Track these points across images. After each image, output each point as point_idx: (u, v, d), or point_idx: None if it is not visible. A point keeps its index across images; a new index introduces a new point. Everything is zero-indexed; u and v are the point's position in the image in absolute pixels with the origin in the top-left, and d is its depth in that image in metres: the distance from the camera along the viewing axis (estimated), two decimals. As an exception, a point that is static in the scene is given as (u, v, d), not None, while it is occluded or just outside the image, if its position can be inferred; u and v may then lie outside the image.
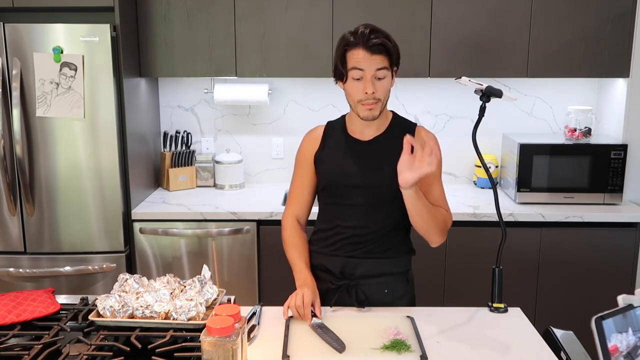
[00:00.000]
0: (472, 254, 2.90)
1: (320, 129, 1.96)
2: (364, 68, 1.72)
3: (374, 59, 1.72)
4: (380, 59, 1.72)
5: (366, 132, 1.87)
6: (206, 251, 2.95)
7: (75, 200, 2.83)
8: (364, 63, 1.72)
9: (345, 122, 1.92)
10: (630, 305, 1.33)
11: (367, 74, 1.73)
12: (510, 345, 1.64)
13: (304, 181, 1.96)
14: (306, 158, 1.94)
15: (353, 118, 1.87)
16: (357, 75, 1.74)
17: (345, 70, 1.76)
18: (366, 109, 1.77)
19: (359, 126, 1.87)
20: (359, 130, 1.88)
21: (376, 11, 3.00)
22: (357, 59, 1.73)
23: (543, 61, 3.04)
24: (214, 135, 3.50)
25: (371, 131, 1.87)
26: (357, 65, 1.73)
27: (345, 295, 1.86)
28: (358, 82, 1.74)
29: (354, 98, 1.78)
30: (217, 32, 3.04)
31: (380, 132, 1.87)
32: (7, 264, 2.87)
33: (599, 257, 2.93)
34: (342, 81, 1.79)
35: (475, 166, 3.42)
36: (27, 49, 2.70)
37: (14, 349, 1.49)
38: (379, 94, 1.75)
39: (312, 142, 1.94)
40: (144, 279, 1.71)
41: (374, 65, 1.72)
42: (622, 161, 2.97)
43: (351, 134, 1.89)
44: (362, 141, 1.87)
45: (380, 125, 1.87)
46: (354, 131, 1.89)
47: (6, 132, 2.76)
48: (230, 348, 1.34)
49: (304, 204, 1.98)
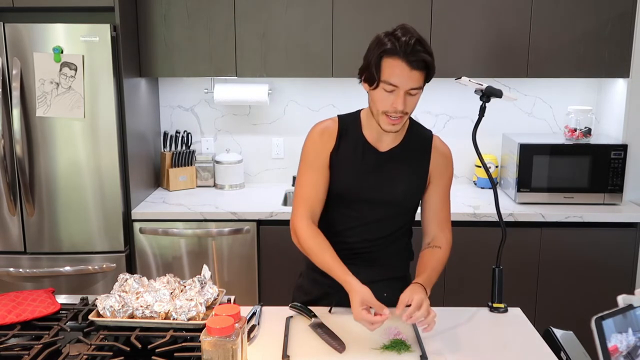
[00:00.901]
0: (472, 254, 2.90)
1: (333, 125, 1.80)
2: (399, 85, 1.60)
3: (412, 75, 1.59)
4: (418, 76, 1.60)
5: (384, 141, 1.77)
6: (206, 251, 2.95)
7: (76, 200, 2.83)
8: (401, 79, 1.59)
9: (360, 122, 1.80)
10: (630, 305, 1.33)
11: (401, 90, 1.60)
12: (510, 345, 1.64)
13: (318, 180, 1.77)
14: (319, 156, 1.77)
15: (372, 124, 1.75)
16: (390, 88, 1.61)
17: (378, 78, 1.62)
18: (390, 123, 1.66)
19: (376, 134, 1.77)
20: (377, 138, 1.77)
21: (376, 11, 3.00)
22: (394, 72, 1.59)
23: (543, 61, 3.04)
24: (214, 135, 3.50)
25: (389, 140, 1.77)
26: (391, 80, 1.60)
27: (344, 300, 1.83)
28: (389, 94, 1.62)
29: (379, 108, 1.65)
30: (217, 32, 3.04)
31: (397, 142, 1.78)
32: (7, 264, 2.87)
33: (599, 257, 2.93)
34: (370, 86, 1.66)
35: (475, 166, 3.42)
36: (27, 49, 2.70)
37: (14, 349, 1.49)
38: (408, 109, 1.64)
39: (327, 140, 1.78)
40: (144, 279, 1.71)
41: (410, 83, 1.60)
42: (622, 161, 2.97)
43: (368, 139, 1.78)
44: (380, 152, 1.77)
45: (399, 135, 1.78)
46: (371, 137, 1.77)
47: (6, 132, 2.75)
48: (230, 348, 1.33)
49: (317, 204, 1.78)
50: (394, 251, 1.87)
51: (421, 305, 1.57)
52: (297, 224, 1.76)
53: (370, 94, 1.69)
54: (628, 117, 3.07)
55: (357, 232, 1.81)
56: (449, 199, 1.87)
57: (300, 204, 1.78)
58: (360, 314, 1.56)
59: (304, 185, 1.79)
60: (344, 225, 1.82)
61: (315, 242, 1.73)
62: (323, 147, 1.78)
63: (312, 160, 1.78)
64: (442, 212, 1.85)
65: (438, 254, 1.81)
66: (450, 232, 1.87)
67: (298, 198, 1.79)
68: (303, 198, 1.78)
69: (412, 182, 1.80)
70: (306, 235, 1.74)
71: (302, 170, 1.80)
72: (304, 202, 1.77)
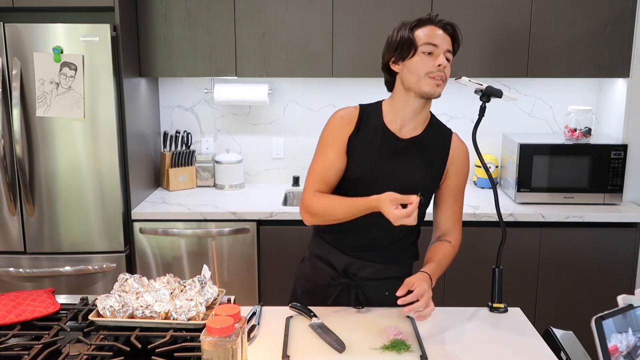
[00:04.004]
0: (472, 254, 2.90)
1: (353, 111, 1.80)
2: (438, 44, 1.68)
3: (446, 37, 1.70)
4: (449, 41, 1.71)
5: (406, 127, 1.78)
6: (206, 251, 2.95)
7: (75, 200, 2.83)
8: (439, 39, 1.68)
9: (382, 111, 1.80)
10: (630, 305, 1.33)
11: (440, 50, 1.68)
12: (510, 345, 1.64)
13: (334, 162, 1.76)
14: (337, 139, 1.77)
15: (395, 108, 1.77)
16: (429, 49, 1.68)
17: (415, 47, 1.68)
18: (434, 83, 1.68)
19: (399, 119, 1.77)
20: (399, 124, 1.77)
21: (376, 11, 3.00)
22: (431, 34, 1.68)
23: (543, 61, 3.04)
24: (214, 135, 3.50)
25: (410, 127, 1.78)
26: (431, 40, 1.68)
27: (344, 294, 1.84)
28: (429, 57, 1.68)
29: (420, 72, 1.68)
30: (217, 32, 3.04)
31: (418, 132, 1.79)
32: (7, 264, 2.88)
33: (599, 257, 2.93)
34: (403, 60, 1.71)
35: (475, 166, 3.41)
36: (27, 49, 2.70)
37: (14, 348, 1.49)
38: (447, 72, 1.70)
39: (346, 123, 1.78)
40: (144, 279, 1.71)
41: (446, 44, 1.69)
42: (622, 161, 2.97)
43: (388, 126, 1.78)
44: (400, 139, 1.77)
45: (419, 124, 1.79)
46: (392, 123, 1.78)
47: (6, 132, 2.76)
48: (230, 348, 1.33)
49: (328, 185, 1.77)
50: (400, 248, 1.87)
51: (422, 296, 1.60)
52: (307, 200, 1.76)
53: (406, 66, 1.71)
54: (628, 117, 3.07)
55: (365, 222, 1.74)
56: (462, 198, 1.88)
57: (311, 182, 1.78)
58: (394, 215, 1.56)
59: (315, 166, 1.79)
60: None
61: (326, 198, 1.74)
62: (341, 130, 1.77)
63: (328, 142, 1.78)
64: (454, 209, 1.86)
65: (446, 247, 1.83)
66: (461, 231, 1.88)
67: (309, 177, 1.79)
68: (312, 178, 1.78)
69: (428, 174, 1.81)
70: (317, 200, 1.74)
71: (318, 151, 1.80)
72: (313, 181, 1.77)
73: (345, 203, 1.71)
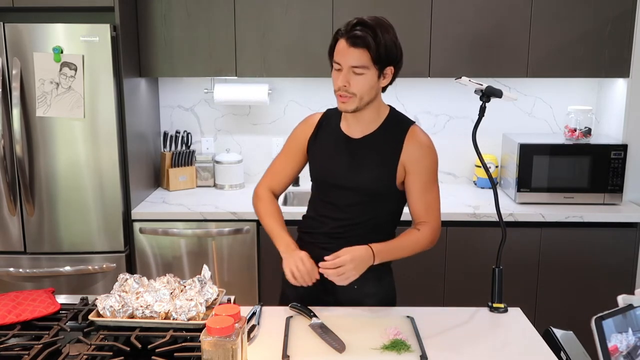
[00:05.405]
0: (472, 254, 2.90)
1: (317, 116, 1.97)
2: (339, 62, 1.73)
3: (351, 52, 1.70)
4: (358, 53, 1.70)
5: (355, 128, 1.86)
6: (206, 251, 2.95)
7: (75, 200, 2.83)
8: (340, 56, 1.72)
9: (341, 114, 1.91)
10: (630, 305, 1.33)
11: (344, 68, 1.72)
12: (510, 345, 1.64)
13: (289, 162, 1.98)
14: (298, 141, 1.96)
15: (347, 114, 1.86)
16: (337, 66, 1.75)
17: (331, 60, 1.78)
18: (340, 102, 1.78)
19: (348, 121, 1.88)
20: (349, 126, 1.88)
21: (376, 11, 2.98)
22: (338, 51, 1.74)
23: (543, 61, 3.04)
24: (214, 135, 3.50)
25: (360, 128, 1.85)
26: (336, 58, 1.74)
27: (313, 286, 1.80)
28: (337, 74, 1.75)
29: (334, 89, 1.78)
30: (217, 32, 3.04)
31: (370, 130, 1.85)
32: (7, 264, 2.88)
33: (599, 257, 2.93)
34: None
35: (475, 166, 3.42)
36: (27, 49, 2.70)
37: (14, 348, 1.49)
38: (352, 88, 1.73)
39: (307, 127, 1.95)
40: (144, 279, 1.71)
41: (351, 60, 1.70)
42: (622, 161, 2.97)
43: (342, 129, 1.89)
44: (352, 139, 1.86)
45: (370, 123, 1.85)
46: (345, 126, 1.89)
47: (6, 132, 2.76)
48: (230, 348, 1.34)
49: (282, 182, 2.00)
50: (370, 240, 1.80)
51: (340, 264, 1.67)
52: (257, 188, 2.02)
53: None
54: (628, 117, 3.07)
55: (332, 217, 1.89)
56: (432, 188, 1.86)
57: (266, 176, 2.03)
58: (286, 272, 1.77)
59: (275, 162, 2.03)
60: (322, 210, 1.92)
61: (264, 205, 1.97)
62: (301, 133, 1.96)
63: (288, 143, 2.00)
64: (426, 198, 1.84)
65: (413, 233, 1.85)
66: (437, 220, 1.87)
67: (266, 172, 2.04)
68: (269, 172, 2.03)
69: (381, 169, 1.83)
70: (260, 199, 1.98)
71: (281, 151, 2.02)
72: (269, 175, 2.02)
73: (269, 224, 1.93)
